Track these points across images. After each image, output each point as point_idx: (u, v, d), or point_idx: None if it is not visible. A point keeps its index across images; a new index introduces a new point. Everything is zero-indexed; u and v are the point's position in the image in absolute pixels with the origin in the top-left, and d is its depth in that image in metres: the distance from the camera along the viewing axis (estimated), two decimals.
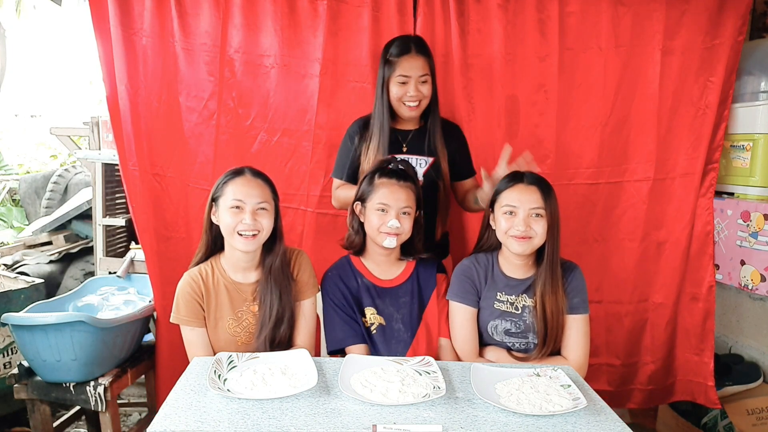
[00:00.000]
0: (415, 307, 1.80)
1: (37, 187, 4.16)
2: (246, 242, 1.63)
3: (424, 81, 1.89)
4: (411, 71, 1.87)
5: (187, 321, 1.68)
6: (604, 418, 1.29)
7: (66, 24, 7.43)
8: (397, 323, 1.79)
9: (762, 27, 2.51)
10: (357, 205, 1.78)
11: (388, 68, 1.89)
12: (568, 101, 2.25)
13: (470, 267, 1.79)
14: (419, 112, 1.94)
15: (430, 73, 1.91)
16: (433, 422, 1.24)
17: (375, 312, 1.78)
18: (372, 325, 1.79)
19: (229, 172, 1.69)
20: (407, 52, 1.87)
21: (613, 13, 2.18)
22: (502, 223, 1.69)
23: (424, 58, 1.89)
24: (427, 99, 1.92)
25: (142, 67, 2.15)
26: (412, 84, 1.88)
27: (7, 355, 2.45)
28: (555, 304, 1.69)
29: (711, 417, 2.34)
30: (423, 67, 1.88)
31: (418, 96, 1.89)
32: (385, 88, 1.91)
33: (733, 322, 2.51)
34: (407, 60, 1.87)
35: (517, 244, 1.67)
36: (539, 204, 1.65)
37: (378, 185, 1.73)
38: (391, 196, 1.70)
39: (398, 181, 1.72)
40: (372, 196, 1.72)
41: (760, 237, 2.11)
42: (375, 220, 1.71)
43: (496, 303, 1.75)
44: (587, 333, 1.73)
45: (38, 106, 8.09)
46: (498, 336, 1.75)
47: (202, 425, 1.20)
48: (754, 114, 2.19)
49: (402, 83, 1.88)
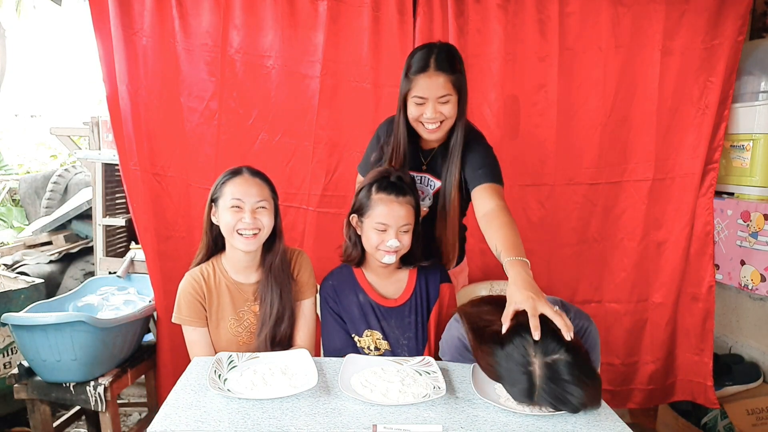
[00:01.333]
0: (420, 328, 1.73)
1: (37, 187, 4.17)
2: (246, 242, 1.63)
3: (445, 101, 1.63)
4: (428, 92, 1.62)
5: (189, 321, 1.68)
6: (604, 418, 1.29)
7: (66, 24, 7.43)
8: (403, 351, 1.71)
9: (762, 27, 2.51)
10: (353, 217, 1.70)
11: (405, 84, 1.67)
12: (568, 101, 2.25)
13: (463, 335, 1.49)
14: (441, 133, 1.70)
15: (455, 91, 1.64)
16: (433, 422, 1.24)
17: (381, 337, 1.71)
18: (375, 352, 1.71)
19: (227, 172, 1.69)
20: (425, 70, 1.62)
21: (613, 13, 2.19)
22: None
23: (445, 76, 1.61)
24: (451, 120, 1.67)
25: (142, 67, 2.15)
26: (430, 105, 1.63)
27: (7, 355, 2.45)
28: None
29: (711, 417, 2.34)
30: (444, 87, 1.61)
31: (438, 118, 1.65)
32: (404, 103, 1.70)
33: (733, 322, 2.51)
34: (424, 79, 1.62)
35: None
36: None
37: (376, 201, 1.63)
38: (390, 215, 1.61)
39: (397, 197, 1.62)
40: (370, 213, 1.64)
41: (760, 237, 2.12)
42: (374, 238, 1.63)
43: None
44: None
45: (38, 106, 8.09)
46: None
47: (202, 425, 1.20)
48: (754, 114, 2.19)
49: (418, 104, 1.65)
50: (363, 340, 1.71)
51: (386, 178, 1.67)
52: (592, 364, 1.32)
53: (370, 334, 1.72)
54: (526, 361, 1.23)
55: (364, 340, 1.71)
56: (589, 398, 1.24)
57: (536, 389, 1.23)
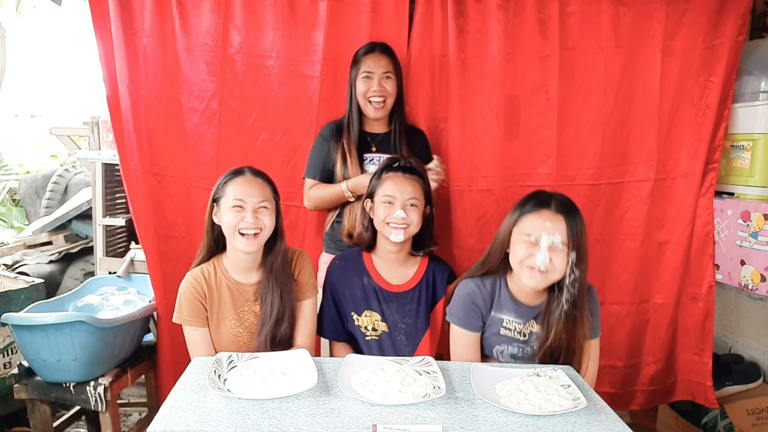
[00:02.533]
0: (420, 317, 1.79)
1: (37, 187, 4.17)
2: (248, 242, 1.63)
3: (388, 77, 2.03)
4: (374, 68, 2.01)
5: (190, 321, 1.68)
6: (604, 418, 1.29)
7: (66, 24, 7.43)
8: (400, 334, 1.79)
9: (762, 27, 2.51)
10: (367, 202, 1.82)
11: (355, 68, 2.06)
12: (569, 101, 2.24)
13: (475, 291, 1.66)
14: (385, 112, 2.06)
15: (394, 73, 2.04)
16: (433, 422, 1.24)
17: (380, 318, 1.79)
18: (372, 332, 1.79)
19: (229, 173, 1.70)
20: (371, 52, 2.04)
21: (614, 13, 2.18)
22: (520, 250, 1.55)
23: (387, 58, 2.04)
24: (392, 97, 2.05)
25: (142, 66, 2.15)
26: (376, 80, 2.01)
27: (7, 355, 2.45)
28: (569, 341, 1.58)
29: (711, 417, 2.33)
30: (386, 65, 2.02)
31: (382, 92, 2.01)
32: (353, 88, 2.06)
33: (733, 322, 2.51)
34: (371, 58, 2.03)
35: (531, 278, 1.54)
36: (563, 235, 1.52)
37: (384, 179, 1.78)
38: (396, 188, 1.74)
39: (404, 174, 1.77)
40: (379, 190, 1.77)
41: (760, 237, 2.11)
42: (381, 212, 1.75)
43: (502, 329, 1.66)
44: (598, 353, 1.70)
45: (38, 106, 8.10)
46: (503, 359, 1.68)
47: (202, 425, 1.20)
48: (754, 114, 2.19)
49: (366, 78, 2.02)
50: (361, 320, 1.79)
51: (394, 161, 1.83)
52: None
53: (369, 315, 1.80)
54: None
55: (363, 320, 1.79)
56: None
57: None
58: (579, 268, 1.53)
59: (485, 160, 2.25)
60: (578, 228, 1.54)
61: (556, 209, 1.55)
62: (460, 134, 2.23)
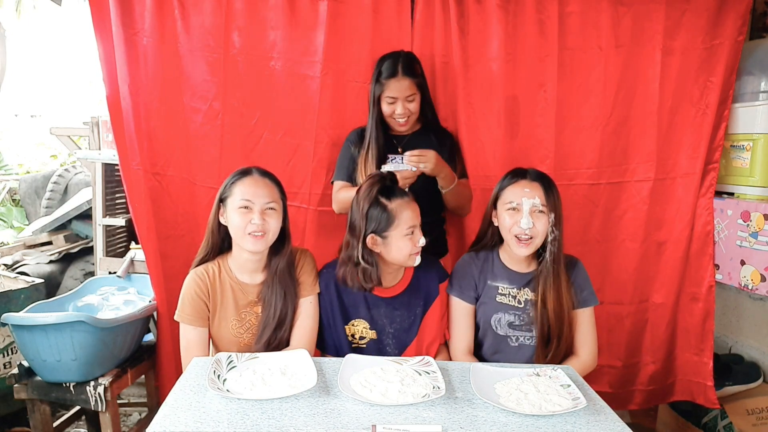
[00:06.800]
0: (408, 322, 1.79)
1: (37, 187, 4.17)
2: (255, 242, 1.63)
3: (411, 100, 2.03)
4: (398, 93, 2.00)
5: (190, 320, 1.68)
6: (604, 418, 1.29)
7: (66, 24, 7.44)
8: (388, 338, 1.78)
9: (762, 27, 2.51)
10: (371, 238, 1.67)
11: (378, 87, 2.03)
12: (568, 101, 2.25)
13: (469, 263, 1.86)
14: (409, 125, 2.09)
15: (418, 91, 2.04)
16: (433, 422, 1.24)
17: (368, 326, 1.78)
18: (361, 339, 1.78)
19: (236, 173, 1.69)
20: (394, 75, 1.99)
21: (613, 13, 2.18)
22: (506, 219, 1.73)
23: (410, 80, 2.00)
24: (416, 114, 2.07)
25: (143, 67, 2.15)
26: (400, 104, 2.01)
27: (7, 355, 2.45)
28: (557, 301, 1.73)
29: (711, 417, 2.34)
30: (409, 88, 2.01)
31: (406, 113, 2.03)
32: (376, 103, 2.05)
33: (733, 322, 2.51)
34: (394, 83, 2.00)
35: (518, 247, 1.72)
36: (541, 198, 1.70)
37: (396, 210, 1.66)
38: (414, 215, 1.68)
39: (407, 199, 1.69)
40: (397, 223, 1.65)
41: (760, 237, 2.11)
42: (407, 246, 1.67)
43: (498, 296, 1.79)
44: (594, 323, 1.82)
45: (38, 106, 8.10)
46: (502, 330, 1.78)
47: (202, 425, 1.20)
48: (754, 114, 2.19)
49: (390, 103, 2.02)
50: (349, 329, 1.78)
51: (382, 180, 1.72)
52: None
53: (357, 324, 1.78)
54: None
55: (350, 329, 1.78)
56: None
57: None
58: (557, 228, 1.73)
59: (487, 160, 2.25)
60: (554, 193, 1.73)
61: (532, 178, 1.74)
62: (462, 134, 2.23)
